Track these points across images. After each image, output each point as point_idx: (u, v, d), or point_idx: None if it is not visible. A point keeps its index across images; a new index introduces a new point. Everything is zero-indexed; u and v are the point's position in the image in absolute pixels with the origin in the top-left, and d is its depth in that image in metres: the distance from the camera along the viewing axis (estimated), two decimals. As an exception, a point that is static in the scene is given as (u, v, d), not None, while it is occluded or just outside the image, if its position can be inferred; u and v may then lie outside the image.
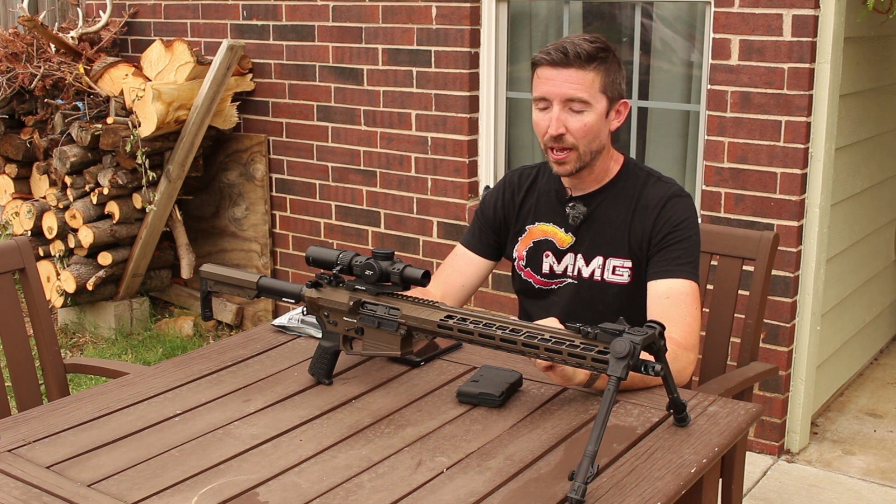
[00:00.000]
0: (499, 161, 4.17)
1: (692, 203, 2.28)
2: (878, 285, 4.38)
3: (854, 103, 3.64)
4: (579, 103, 2.16)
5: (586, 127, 2.17)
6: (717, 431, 1.77)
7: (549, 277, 2.32)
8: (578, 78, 2.15)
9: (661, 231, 2.21)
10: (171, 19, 5.00)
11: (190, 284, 5.11)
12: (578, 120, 2.16)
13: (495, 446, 1.73)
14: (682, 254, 2.19)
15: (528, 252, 2.35)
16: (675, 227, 2.21)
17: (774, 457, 3.58)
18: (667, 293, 2.15)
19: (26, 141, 4.74)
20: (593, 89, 2.16)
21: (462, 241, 2.45)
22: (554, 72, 2.16)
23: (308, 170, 4.67)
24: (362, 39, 4.34)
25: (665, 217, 2.22)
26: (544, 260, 2.33)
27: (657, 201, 2.23)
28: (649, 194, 2.25)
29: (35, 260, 2.72)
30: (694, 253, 2.22)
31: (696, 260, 2.22)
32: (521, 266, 2.37)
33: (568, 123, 2.17)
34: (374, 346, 1.93)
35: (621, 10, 3.91)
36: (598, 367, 1.63)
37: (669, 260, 2.19)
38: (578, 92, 2.15)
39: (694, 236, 2.23)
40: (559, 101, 2.16)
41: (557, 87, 2.16)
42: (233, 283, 2.10)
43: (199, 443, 1.76)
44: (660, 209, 2.22)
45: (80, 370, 2.68)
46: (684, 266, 2.18)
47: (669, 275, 2.17)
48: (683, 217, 2.22)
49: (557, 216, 2.32)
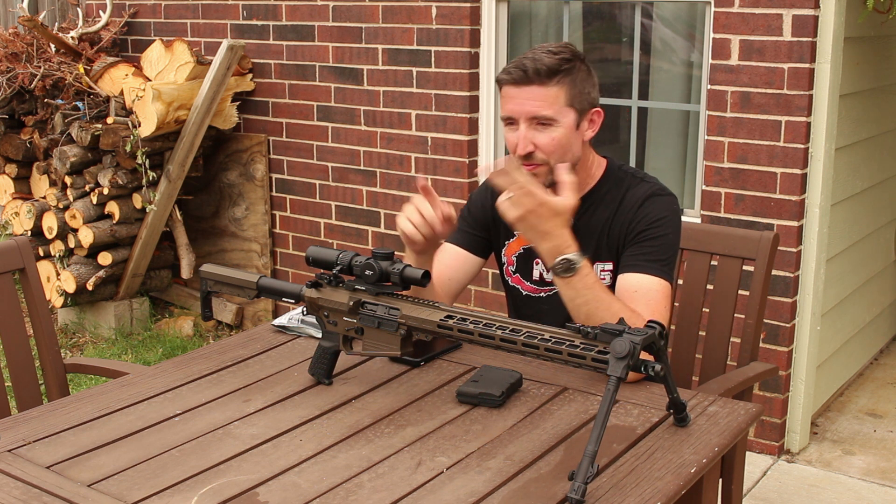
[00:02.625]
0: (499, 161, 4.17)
1: (674, 202, 2.23)
2: (878, 285, 4.38)
3: (854, 103, 3.64)
4: (545, 119, 2.11)
5: (555, 142, 2.12)
6: (717, 431, 1.77)
7: (539, 285, 2.31)
8: (541, 95, 2.10)
9: (636, 228, 2.17)
10: (171, 19, 5.00)
11: (190, 284, 5.11)
12: (546, 135, 2.12)
13: (495, 446, 1.73)
14: (654, 251, 2.14)
15: (517, 258, 2.33)
16: (650, 225, 2.16)
17: (774, 457, 3.58)
18: (635, 287, 2.11)
19: (26, 141, 4.74)
20: (557, 104, 2.11)
21: (447, 239, 2.40)
22: (516, 90, 2.12)
23: (308, 170, 4.67)
24: (362, 39, 4.34)
25: (641, 214, 2.18)
26: (535, 267, 2.31)
27: (636, 201, 2.20)
28: (629, 195, 2.22)
29: (35, 260, 2.72)
30: (667, 251, 2.16)
31: (669, 259, 2.17)
32: (510, 272, 2.35)
33: (536, 140, 2.12)
34: (374, 346, 1.93)
35: (621, 10, 3.91)
36: (598, 367, 1.63)
37: (640, 255, 2.14)
38: (541, 109, 2.10)
39: (670, 235, 2.18)
40: (524, 119, 2.12)
41: (521, 105, 2.12)
42: (233, 283, 2.10)
43: (199, 443, 1.76)
44: (637, 208, 2.19)
45: (80, 370, 2.69)
46: (656, 263, 2.13)
47: (639, 269, 2.13)
48: (660, 215, 2.18)
49: None
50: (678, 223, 2.21)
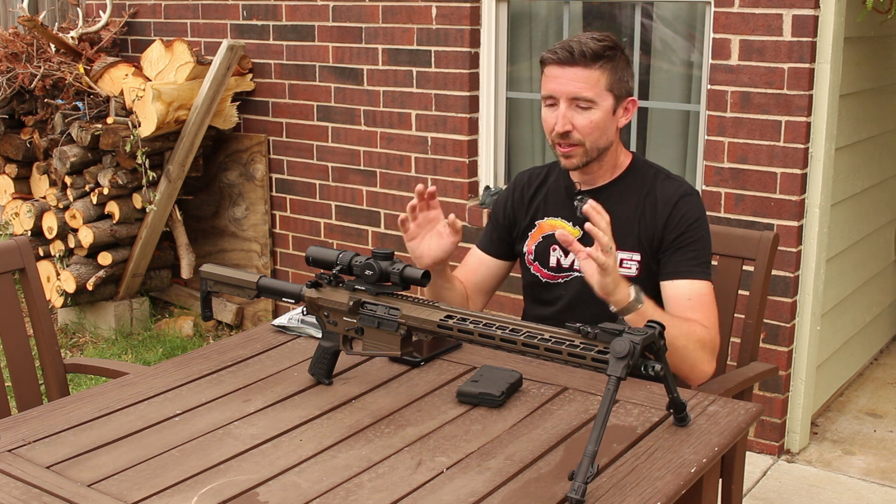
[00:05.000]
0: (499, 161, 4.17)
1: (701, 201, 2.32)
2: (878, 285, 4.38)
3: (854, 103, 3.64)
4: (585, 101, 2.20)
5: (592, 124, 2.21)
6: (717, 431, 1.77)
7: (556, 271, 2.35)
8: (584, 76, 2.19)
9: (675, 230, 2.24)
10: (171, 19, 5.00)
11: (190, 284, 5.11)
12: (585, 117, 2.21)
13: (495, 446, 1.73)
14: (697, 254, 2.23)
15: (536, 247, 2.38)
16: (689, 227, 2.24)
17: (774, 457, 3.58)
18: (688, 295, 2.19)
19: (26, 141, 4.74)
20: (598, 87, 2.20)
21: (476, 243, 2.51)
22: (560, 70, 2.21)
23: (308, 170, 4.67)
24: (362, 39, 4.34)
25: (678, 215, 2.24)
26: (551, 254, 2.35)
27: (669, 199, 2.26)
28: (659, 190, 2.28)
29: (35, 260, 2.72)
30: (708, 252, 2.26)
31: (710, 259, 2.26)
32: (529, 261, 2.40)
33: (574, 120, 2.21)
34: (374, 346, 1.93)
35: (621, 10, 3.91)
36: (598, 367, 1.63)
37: (686, 261, 2.22)
38: (583, 90, 2.19)
39: (706, 235, 2.27)
40: (565, 99, 2.20)
41: (563, 85, 2.20)
42: (233, 283, 2.10)
43: (199, 443, 1.76)
44: (672, 207, 2.25)
45: (80, 370, 2.69)
46: (701, 266, 2.22)
47: (689, 275, 2.21)
48: (696, 216, 2.26)
49: (566, 210, 2.35)
50: (708, 222, 2.30)
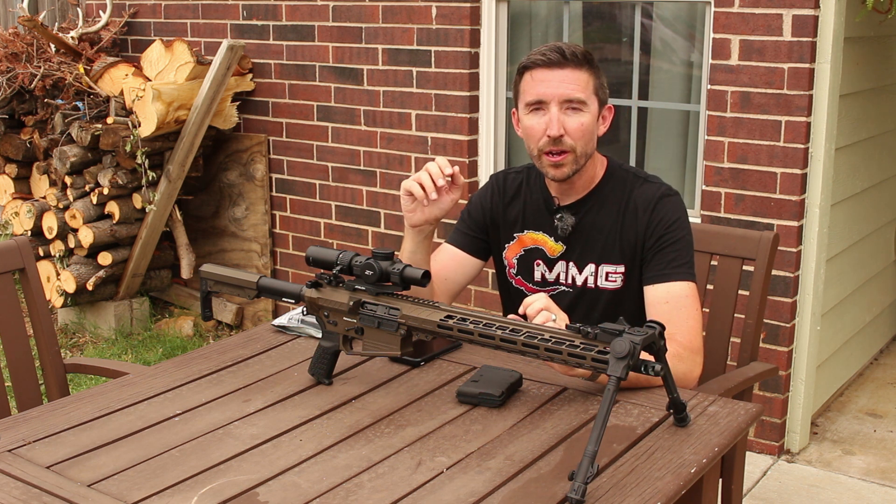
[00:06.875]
0: (499, 161, 4.17)
1: (681, 201, 2.26)
2: (878, 285, 4.38)
3: (854, 103, 3.64)
4: (577, 103, 2.13)
5: (583, 127, 2.15)
6: (717, 431, 1.77)
7: (541, 285, 2.30)
8: (574, 77, 2.13)
9: (655, 233, 2.19)
10: (171, 19, 5.00)
11: (190, 284, 5.11)
12: (576, 120, 2.14)
13: (495, 446, 1.73)
14: (677, 255, 2.17)
15: (518, 260, 2.33)
16: (668, 229, 2.18)
17: (774, 457, 3.58)
18: (665, 298, 2.14)
19: (26, 141, 4.74)
20: (588, 90, 2.15)
21: (447, 240, 2.43)
22: (550, 73, 2.13)
23: (308, 170, 4.67)
24: (362, 39, 4.34)
25: (657, 218, 2.19)
26: (535, 268, 2.31)
27: (647, 203, 2.21)
28: (638, 196, 2.23)
29: (35, 260, 2.72)
30: (688, 252, 2.19)
31: (691, 259, 2.20)
32: (511, 274, 2.35)
33: (566, 124, 2.13)
34: (374, 346, 1.93)
35: (621, 10, 3.91)
36: (598, 367, 1.63)
37: (665, 263, 2.17)
38: (576, 91, 2.13)
39: (687, 235, 2.21)
40: (556, 102, 2.13)
41: (555, 87, 2.13)
42: (233, 283, 2.10)
43: (199, 443, 1.76)
44: (651, 211, 2.20)
45: (80, 370, 2.68)
46: (680, 268, 2.16)
47: (666, 278, 2.16)
48: (675, 217, 2.20)
49: (546, 225, 2.29)
50: (688, 220, 2.25)
